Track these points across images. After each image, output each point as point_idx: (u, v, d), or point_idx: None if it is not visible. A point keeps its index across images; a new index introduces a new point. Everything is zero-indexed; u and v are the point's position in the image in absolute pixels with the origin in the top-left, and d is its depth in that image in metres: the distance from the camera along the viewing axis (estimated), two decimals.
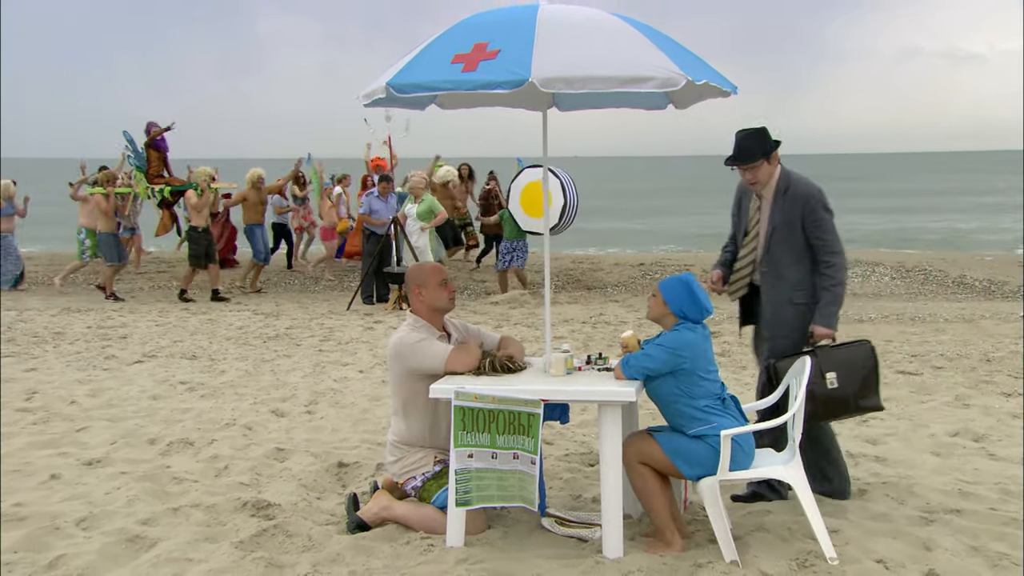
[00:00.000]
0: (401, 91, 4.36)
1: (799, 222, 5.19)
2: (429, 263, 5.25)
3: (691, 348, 4.57)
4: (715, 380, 4.68)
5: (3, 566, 4.44)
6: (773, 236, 5.25)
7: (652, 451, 4.61)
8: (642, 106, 5.43)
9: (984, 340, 10.82)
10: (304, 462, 6.14)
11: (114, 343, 10.86)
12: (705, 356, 4.65)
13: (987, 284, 16.33)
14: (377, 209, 14.79)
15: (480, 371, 4.81)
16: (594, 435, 6.84)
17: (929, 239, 29.30)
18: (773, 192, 5.26)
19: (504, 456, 4.57)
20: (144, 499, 5.36)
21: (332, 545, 4.71)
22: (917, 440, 6.66)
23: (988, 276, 16.99)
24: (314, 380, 8.83)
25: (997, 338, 10.94)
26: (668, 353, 4.54)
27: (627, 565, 4.39)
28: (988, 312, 13.21)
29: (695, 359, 4.58)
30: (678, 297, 4.62)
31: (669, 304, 4.65)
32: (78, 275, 17.23)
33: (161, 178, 15.53)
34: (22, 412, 7.41)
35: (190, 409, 7.60)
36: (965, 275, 17.10)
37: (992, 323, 12.21)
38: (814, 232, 5.18)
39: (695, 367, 4.57)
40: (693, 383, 4.58)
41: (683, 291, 4.63)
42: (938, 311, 13.37)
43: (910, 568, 4.41)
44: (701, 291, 4.66)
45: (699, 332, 4.66)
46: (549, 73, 4.13)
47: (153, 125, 16.03)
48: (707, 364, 4.64)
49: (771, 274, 5.29)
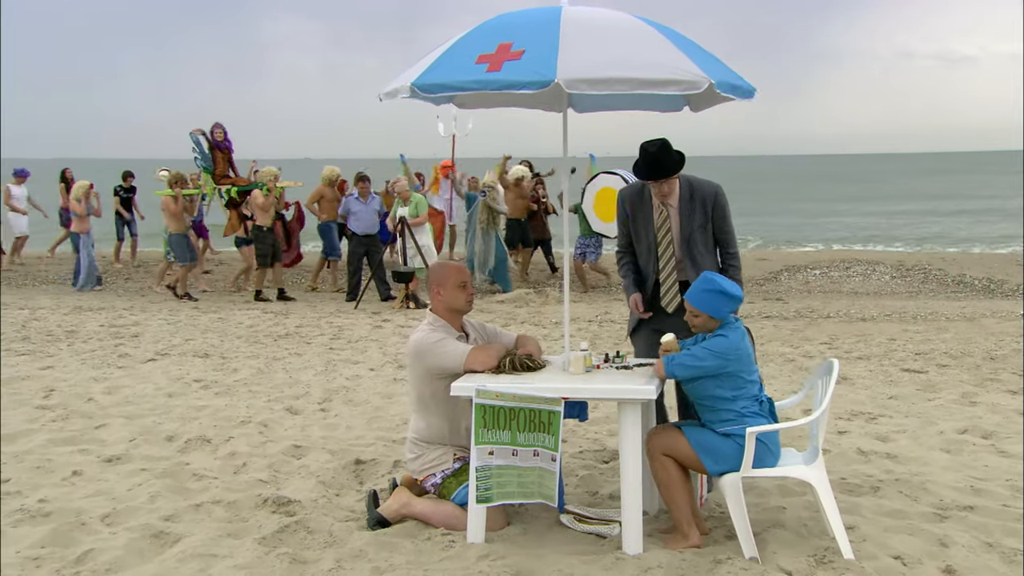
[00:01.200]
0: (426, 91, 4.34)
1: (710, 220, 5.30)
2: (453, 263, 5.22)
3: (737, 352, 4.53)
4: (755, 381, 4.64)
5: (31, 561, 4.42)
6: (691, 239, 5.30)
7: (678, 444, 4.58)
8: (658, 108, 5.41)
9: (986, 338, 10.81)
10: (321, 459, 6.13)
11: (127, 341, 10.84)
12: (748, 357, 4.61)
13: (986, 283, 16.32)
14: (356, 211, 14.78)
15: (500, 369, 4.79)
16: (607, 432, 6.83)
17: (924, 237, 29.29)
18: (678, 199, 5.28)
19: (524, 453, 4.56)
20: (166, 495, 5.34)
21: (354, 541, 4.70)
22: (926, 437, 6.64)
23: (987, 275, 16.98)
24: (326, 378, 8.81)
25: (999, 336, 10.93)
26: (716, 358, 4.49)
27: (647, 561, 4.37)
28: (989, 310, 13.19)
29: (739, 361, 4.54)
30: (713, 303, 4.57)
31: (709, 312, 4.61)
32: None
33: (228, 178, 15.36)
34: (41, 410, 7.39)
35: (205, 407, 7.58)
36: (964, 274, 17.08)
37: (993, 321, 12.20)
38: (721, 226, 5.35)
39: (739, 370, 4.54)
40: (736, 385, 4.54)
41: (713, 295, 4.57)
42: (939, 309, 13.36)
43: (927, 564, 4.39)
44: (724, 282, 4.60)
45: (740, 330, 4.63)
46: (574, 74, 4.12)
47: (218, 127, 15.85)
48: (749, 365, 4.61)
49: (695, 272, 5.28)
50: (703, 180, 5.41)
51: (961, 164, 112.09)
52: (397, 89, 4.54)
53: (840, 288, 15.96)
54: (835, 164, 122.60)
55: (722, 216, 5.34)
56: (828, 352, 10.01)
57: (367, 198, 14.88)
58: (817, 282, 16.62)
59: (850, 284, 16.37)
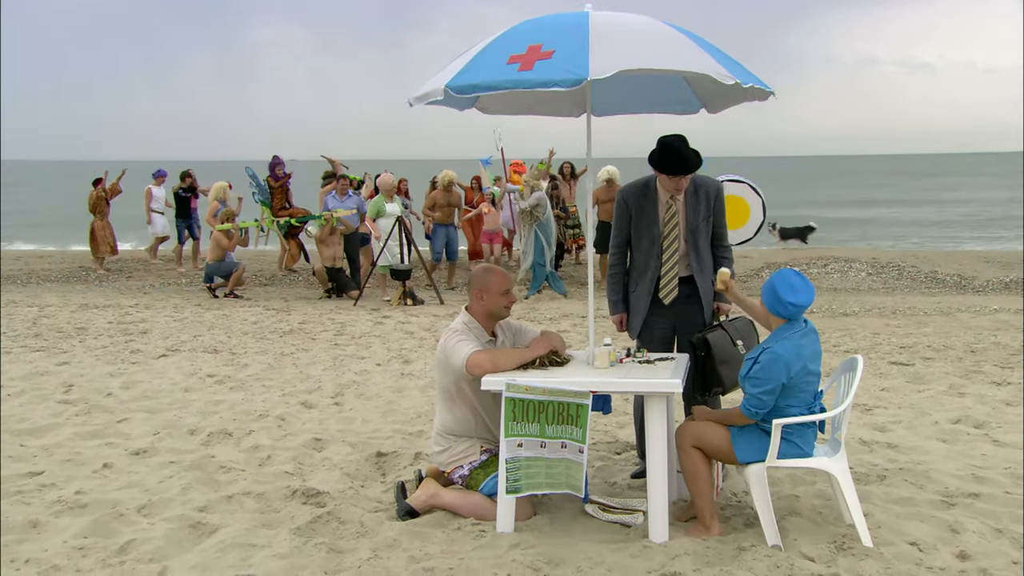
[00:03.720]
0: (460, 92, 4.30)
1: (711, 213, 5.33)
2: (499, 269, 5.15)
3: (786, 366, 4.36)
4: (811, 390, 4.49)
5: (77, 551, 4.36)
6: (696, 232, 5.31)
7: (713, 436, 4.54)
8: (674, 111, 5.40)
9: (964, 332, 10.88)
10: (343, 452, 6.08)
11: (136, 338, 10.73)
12: (801, 365, 4.41)
13: (957, 279, 16.42)
14: (331, 207, 14.82)
15: (528, 366, 4.76)
16: (615, 424, 6.81)
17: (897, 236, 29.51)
18: (684, 192, 5.28)
19: (552, 445, 4.54)
20: (197, 487, 5.28)
21: (385, 531, 4.66)
22: (922, 427, 6.67)
23: (958, 271, 17.08)
24: (336, 373, 8.75)
25: (976, 330, 11.00)
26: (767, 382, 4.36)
27: (674, 549, 4.36)
28: (963, 306, 13.28)
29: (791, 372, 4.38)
30: (768, 298, 4.51)
31: (766, 304, 4.54)
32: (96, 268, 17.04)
33: (285, 210, 15.12)
34: (64, 404, 7.30)
35: (222, 401, 7.51)
36: (936, 270, 17.18)
37: (968, 316, 12.29)
38: (720, 220, 5.39)
39: (794, 380, 4.40)
40: (790, 395, 4.43)
41: (770, 293, 4.49)
42: (916, 305, 13.43)
43: (942, 550, 4.40)
44: (785, 287, 4.44)
45: (794, 339, 4.44)
46: (606, 71, 4.08)
47: (279, 164, 15.41)
48: (805, 374, 4.43)
49: (698, 266, 5.35)
50: (704, 176, 5.43)
51: (922, 166, 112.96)
52: (429, 92, 4.50)
53: (820, 284, 16.01)
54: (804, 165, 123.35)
55: (721, 211, 5.39)
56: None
57: (343, 196, 14.94)
58: None
59: (829, 281, 16.44)
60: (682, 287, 5.35)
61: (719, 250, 5.45)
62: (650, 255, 5.36)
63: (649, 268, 5.37)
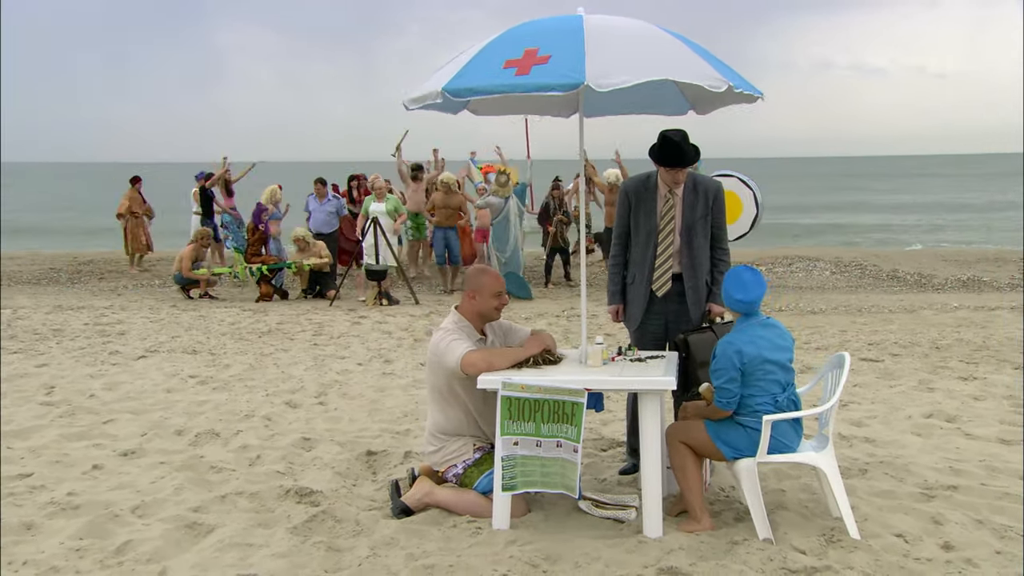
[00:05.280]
0: (456, 95, 4.29)
1: (709, 212, 5.34)
2: (492, 271, 5.13)
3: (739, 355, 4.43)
4: (773, 379, 4.51)
5: (74, 552, 4.29)
6: (693, 228, 5.32)
7: (697, 433, 4.58)
8: (664, 112, 5.41)
9: (928, 329, 11.03)
10: (332, 451, 6.03)
11: (114, 339, 10.58)
12: (756, 353, 4.46)
13: (918, 277, 16.66)
14: (312, 210, 15.06)
15: (522, 365, 4.76)
16: (601, 421, 6.82)
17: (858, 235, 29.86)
18: (683, 189, 5.32)
19: (548, 444, 4.53)
20: (189, 488, 5.22)
21: (381, 529, 4.63)
22: (896, 422, 6.75)
23: (918, 270, 17.33)
24: (317, 373, 8.69)
25: (939, 327, 11.16)
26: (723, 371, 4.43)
27: (668, 544, 4.37)
28: (925, 303, 13.46)
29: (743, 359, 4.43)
30: (724, 296, 4.61)
31: (725, 303, 4.65)
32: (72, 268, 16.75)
33: (258, 257, 14.91)
34: (46, 406, 7.18)
35: (207, 401, 7.43)
36: (897, 269, 17.42)
37: (931, 313, 12.46)
38: (719, 220, 5.40)
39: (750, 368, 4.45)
40: (750, 384, 4.47)
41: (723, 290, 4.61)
42: (880, 303, 13.60)
43: (927, 541, 4.45)
44: (736, 284, 4.54)
45: (748, 330, 4.51)
46: (602, 76, 4.09)
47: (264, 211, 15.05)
48: (761, 362, 4.46)
49: (690, 263, 5.35)
50: (705, 176, 5.48)
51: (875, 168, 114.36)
52: (425, 95, 4.48)
53: (786, 283, 16.17)
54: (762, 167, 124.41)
55: (720, 211, 5.40)
56: None
57: (323, 199, 15.18)
58: (764, 277, 16.77)
59: (794, 279, 16.60)
60: (674, 284, 5.37)
61: (717, 252, 5.43)
62: (647, 247, 5.39)
63: (646, 260, 5.40)
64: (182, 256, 14.53)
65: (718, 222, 5.40)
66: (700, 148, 5.20)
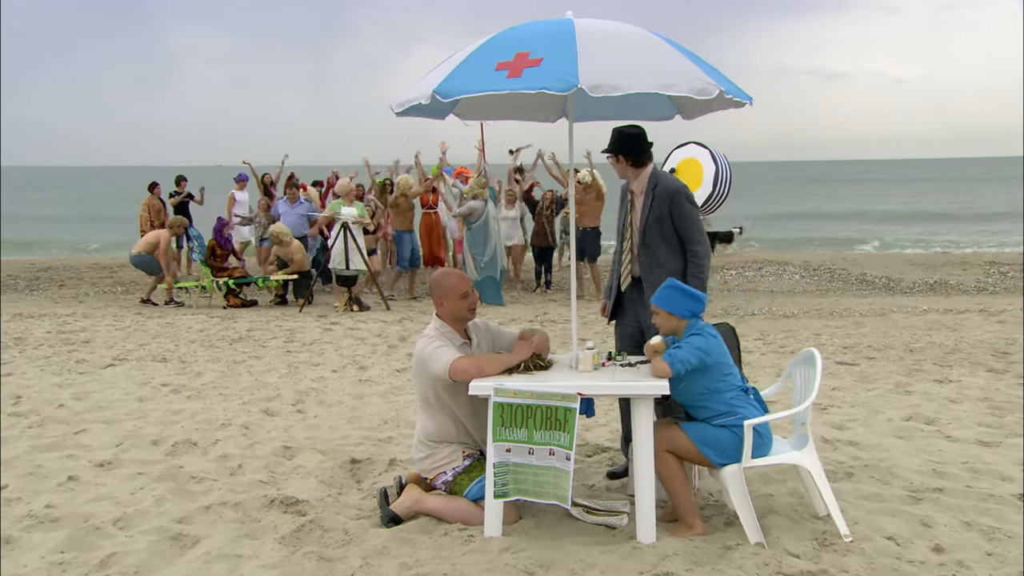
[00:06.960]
0: (447, 96, 4.27)
1: (668, 215, 5.31)
2: (455, 272, 5.10)
3: (713, 347, 4.60)
4: (735, 373, 4.71)
5: (57, 567, 4.21)
6: (647, 228, 5.35)
7: (680, 440, 4.61)
8: (650, 117, 5.44)
9: (900, 332, 11.18)
10: (315, 460, 5.98)
11: (79, 347, 10.42)
12: (723, 352, 4.66)
13: (886, 281, 16.88)
14: (283, 212, 15.03)
15: (513, 370, 4.75)
16: (585, 427, 6.82)
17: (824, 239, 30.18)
18: (644, 188, 5.36)
19: (540, 452, 4.51)
20: (171, 498, 5.15)
21: (371, 538, 4.59)
22: (877, 425, 6.83)
23: (885, 274, 17.56)
24: (292, 380, 8.61)
25: (911, 330, 11.31)
26: (699, 353, 4.54)
27: (662, 549, 4.38)
28: (894, 307, 13.65)
29: (717, 355, 4.60)
30: (678, 303, 4.67)
31: (676, 313, 4.68)
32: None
33: (224, 271, 14.74)
34: (15, 416, 7.04)
35: (181, 410, 7.33)
36: (865, 272, 17.64)
37: (901, 316, 12.63)
38: (681, 224, 5.33)
39: (719, 362, 4.60)
40: (718, 378, 4.59)
41: (677, 295, 4.68)
42: (851, 306, 13.76)
43: (918, 544, 4.50)
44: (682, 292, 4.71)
45: (711, 332, 4.68)
46: (596, 79, 4.10)
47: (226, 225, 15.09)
48: (726, 359, 4.67)
49: (648, 263, 5.36)
50: (670, 178, 5.45)
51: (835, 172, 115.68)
52: (414, 98, 4.46)
53: (756, 287, 16.31)
54: None
55: (680, 214, 5.29)
56: (763, 347, 10.21)
57: (295, 202, 15.25)
58: (735, 281, 16.95)
59: (765, 283, 16.75)
60: (638, 285, 5.42)
61: (689, 255, 5.35)
62: (619, 246, 5.48)
63: (616, 259, 5.51)
64: (159, 238, 14.26)
65: (680, 225, 5.30)
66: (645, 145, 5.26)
